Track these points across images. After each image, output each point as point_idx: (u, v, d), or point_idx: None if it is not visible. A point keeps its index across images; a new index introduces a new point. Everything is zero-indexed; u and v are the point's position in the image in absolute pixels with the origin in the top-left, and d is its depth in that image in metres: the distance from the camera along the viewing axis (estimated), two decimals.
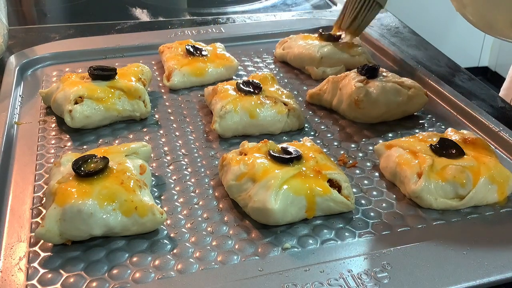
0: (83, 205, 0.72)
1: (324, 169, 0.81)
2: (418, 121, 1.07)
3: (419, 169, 0.83)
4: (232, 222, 0.80)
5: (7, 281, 0.69)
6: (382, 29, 1.55)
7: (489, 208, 0.83)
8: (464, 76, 1.27)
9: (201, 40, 1.33)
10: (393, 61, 1.31)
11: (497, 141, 0.98)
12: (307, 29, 1.43)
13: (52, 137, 1.01)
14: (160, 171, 0.91)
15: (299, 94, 1.18)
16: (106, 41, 1.38)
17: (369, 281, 0.68)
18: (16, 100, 1.12)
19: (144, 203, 0.75)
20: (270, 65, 1.32)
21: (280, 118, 1.01)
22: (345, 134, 1.03)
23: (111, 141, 1.00)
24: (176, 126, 1.05)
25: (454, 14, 1.04)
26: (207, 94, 1.09)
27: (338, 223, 0.80)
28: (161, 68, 1.27)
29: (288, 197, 0.77)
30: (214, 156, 0.96)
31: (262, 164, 0.81)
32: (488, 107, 1.12)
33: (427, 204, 0.82)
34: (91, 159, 0.79)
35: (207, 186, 0.88)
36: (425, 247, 0.74)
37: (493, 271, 0.70)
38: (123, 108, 1.03)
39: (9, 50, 1.34)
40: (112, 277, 0.70)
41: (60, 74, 1.23)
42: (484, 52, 3.59)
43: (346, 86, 1.06)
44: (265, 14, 1.67)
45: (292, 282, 0.68)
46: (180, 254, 0.73)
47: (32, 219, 0.80)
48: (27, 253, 0.73)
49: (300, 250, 0.74)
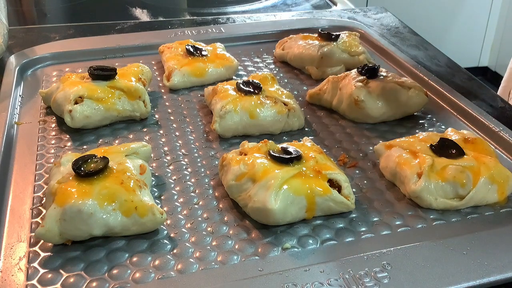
0: (83, 205, 0.72)
1: (324, 169, 0.81)
2: (418, 121, 1.07)
3: (419, 169, 0.83)
4: (232, 222, 0.80)
5: (7, 281, 0.69)
6: (382, 29, 1.55)
7: (489, 208, 0.83)
8: (464, 76, 1.27)
9: (201, 40, 1.33)
10: (393, 61, 1.31)
11: (497, 141, 0.98)
12: (307, 29, 1.43)
13: (52, 137, 1.01)
14: (160, 171, 0.91)
15: (299, 94, 1.18)
16: (106, 41, 1.38)
17: (369, 281, 0.68)
18: (16, 100, 1.12)
19: (144, 203, 0.75)
20: (270, 65, 1.32)
21: (280, 118, 1.01)
22: (345, 134, 1.03)
23: (111, 141, 1.00)
24: (176, 126, 1.05)
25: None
26: (207, 94, 1.09)
27: (338, 223, 0.80)
28: (161, 68, 1.27)
29: (288, 197, 0.77)
30: (214, 156, 0.96)
31: (262, 164, 0.81)
32: (488, 107, 1.12)
33: (427, 204, 0.82)
34: (91, 159, 0.79)
35: (207, 186, 0.88)
36: (425, 247, 0.74)
37: (493, 271, 0.70)
38: (123, 108, 1.03)
39: (9, 50, 1.34)
40: (112, 277, 0.70)
41: (60, 74, 1.23)
42: (484, 52, 3.59)
43: (346, 86, 1.06)
44: (265, 14, 1.67)
45: (292, 282, 0.68)
46: (180, 254, 0.73)
47: (32, 219, 0.80)
48: (27, 253, 0.73)
49: (300, 250, 0.74)
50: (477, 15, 3.42)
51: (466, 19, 3.41)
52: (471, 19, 3.42)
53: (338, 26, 1.48)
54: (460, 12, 3.37)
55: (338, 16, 1.64)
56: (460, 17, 3.39)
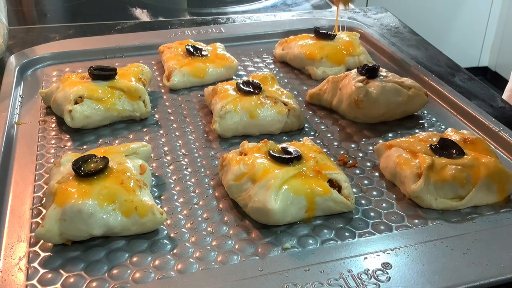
0: (83, 205, 0.72)
1: (324, 169, 0.81)
2: (418, 121, 1.07)
3: (419, 169, 0.83)
4: (232, 222, 0.80)
5: (7, 281, 0.69)
6: (382, 29, 1.55)
7: (489, 208, 0.83)
8: (464, 76, 1.27)
9: (201, 40, 1.33)
10: (393, 61, 1.31)
11: (497, 141, 0.98)
12: (307, 29, 1.43)
13: (52, 137, 1.01)
14: (160, 171, 0.91)
15: (299, 94, 1.18)
16: (106, 41, 1.38)
17: (369, 281, 0.68)
18: (16, 100, 1.12)
19: (144, 203, 0.75)
20: (270, 65, 1.32)
21: (280, 118, 1.01)
22: (345, 134, 1.03)
23: (111, 141, 1.00)
24: (176, 126, 1.05)
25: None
26: (207, 94, 1.09)
27: (338, 223, 0.80)
28: (161, 68, 1.27)
29: (288, 197, 0.77)
30: (214, 156, 0.96)
31: (262, 164, 0.81)
32: (488, 107, 1.12)
33: (427, 204, 0.82)
34: (91, 159, 0.79)
35: (207, 186, 0.88)
36: (425, 247, 0.74)
37: (493, 271, 0.70)
38: (123, 108, 1.03)
39: (9, 50, 1.34)
40: (112, 277, 0.70)
41: (60, 74, 1.23)
42: (484, 52, 3.59)
43: (346, 86, 1.06)
44: (265, 14, 1.67)
45: (292, 282, 0.68)
46: (180, 254, 0.73)
47: (32, 219, 0.80)
48: (27, 253, 0.73)
49: (300, 250, 0.74)
50: (477, 15, 3.42)
51: (466, 19, 3.41)
52: (471, 19, 3.42)
53: (338, 26, 1.48)
54: (460, 12, 3.37)
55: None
56: (460, 17, 3.39)
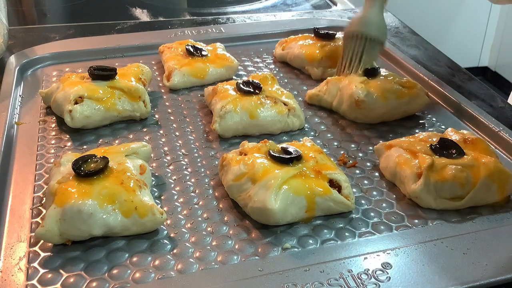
0: (83, 205, 0.72)
1: (324, 169, 0.81)
2: (418, 121, 1.07)
3: (419, 169, 0.83)
4: (232, 222, 0.80)
5: (7, 281, 0.69)
6: None
7: (489, 208, 0.83)
8: (464, 76, 1.27)
9: (201, 40, 1.33)
10: (393, 61, 1.31)
11: (497, 141, 0.98)
12: (307, 29, 1.43)
13: (52, 137, 1.01)
14: (160, 171, 0.91)
15: (299, 94, 1.18)
16: (106, 41, 1.38)
17: (369, 281, 0.68)
18: (16, 100, 1.12)
19: (144, 203, 0.75)
20: (270, 65, 1.32)
21: (280, 118, 1.01)
22: (345, 134, 1.03)
23: (111, 141, 1.00)
24: (176, 126, 1.05)
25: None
26: (207, 94, 1.09)
27: (338, 223, 0.80)
28: (161, 68, 1.27)
29: (288, 197, 0.77)
30: (214, 156, 0.96)
31: (262, 164, 0.81)
32: (488, 107, 1.12)
33: (427, 204, 0.82)
34: (91, 159, 0.79)
35: (207, 186, 0.88)
36: (425, 247, 0.74)
37: (493, 271, 0.70)
38: (123, 108, 1.03)
39: (9, 50, 1.34)
40: (112, 277, 0.70)
41: (60, 74, 1.23)
42: (484, 52, 3.59)
43: (347, 87, 1.06)
44: (265, 14, 1.67)
45: (292, 282, 0.68)
46: (180, 254, 0.73)
47: (32, 219, 0.80)
48: (27, 253, 0.73)
49: (300, 250, 0.74)
50: (477, 15, 3.42)
51: (466, 19, 3.41)
52: (471, 19, 3.42)
53: (338, 26, 1.47)
54: (460, 12, 3.37)
55: (338, 16, 1.64)
56: (460, 17, 3.39)
